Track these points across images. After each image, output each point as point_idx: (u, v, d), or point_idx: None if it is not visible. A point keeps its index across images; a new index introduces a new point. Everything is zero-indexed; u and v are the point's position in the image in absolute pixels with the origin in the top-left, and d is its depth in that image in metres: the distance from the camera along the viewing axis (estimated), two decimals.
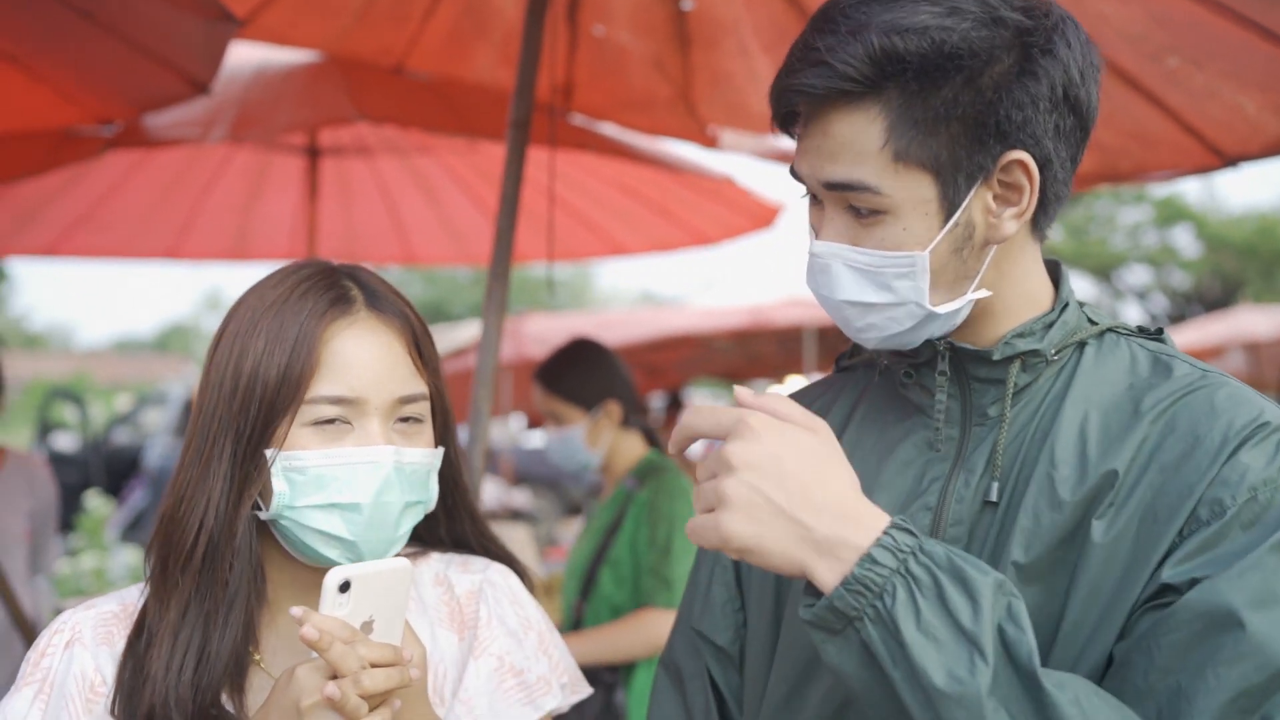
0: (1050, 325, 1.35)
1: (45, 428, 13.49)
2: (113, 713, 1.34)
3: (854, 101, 1.23)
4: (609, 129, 3.96)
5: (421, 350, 1.45)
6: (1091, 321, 1.39)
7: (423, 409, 1.43)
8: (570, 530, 9.71)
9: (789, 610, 1.43)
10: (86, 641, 1.38)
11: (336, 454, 1.34)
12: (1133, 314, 25.24)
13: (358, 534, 1.35)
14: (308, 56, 3.56)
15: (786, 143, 3.73)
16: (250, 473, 1.35)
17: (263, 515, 1.36)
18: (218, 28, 2.47)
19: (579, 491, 12.04)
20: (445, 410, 1.51)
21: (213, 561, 1.35)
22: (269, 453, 1.35)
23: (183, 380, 18.60)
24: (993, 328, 1.36)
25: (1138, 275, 25.21)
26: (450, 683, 1.48)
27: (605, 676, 3.13)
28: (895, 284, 1.27)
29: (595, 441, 3.39)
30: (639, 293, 46.19)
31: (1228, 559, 1.16)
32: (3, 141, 3.37)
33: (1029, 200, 1.30)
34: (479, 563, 1.59)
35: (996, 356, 1.33)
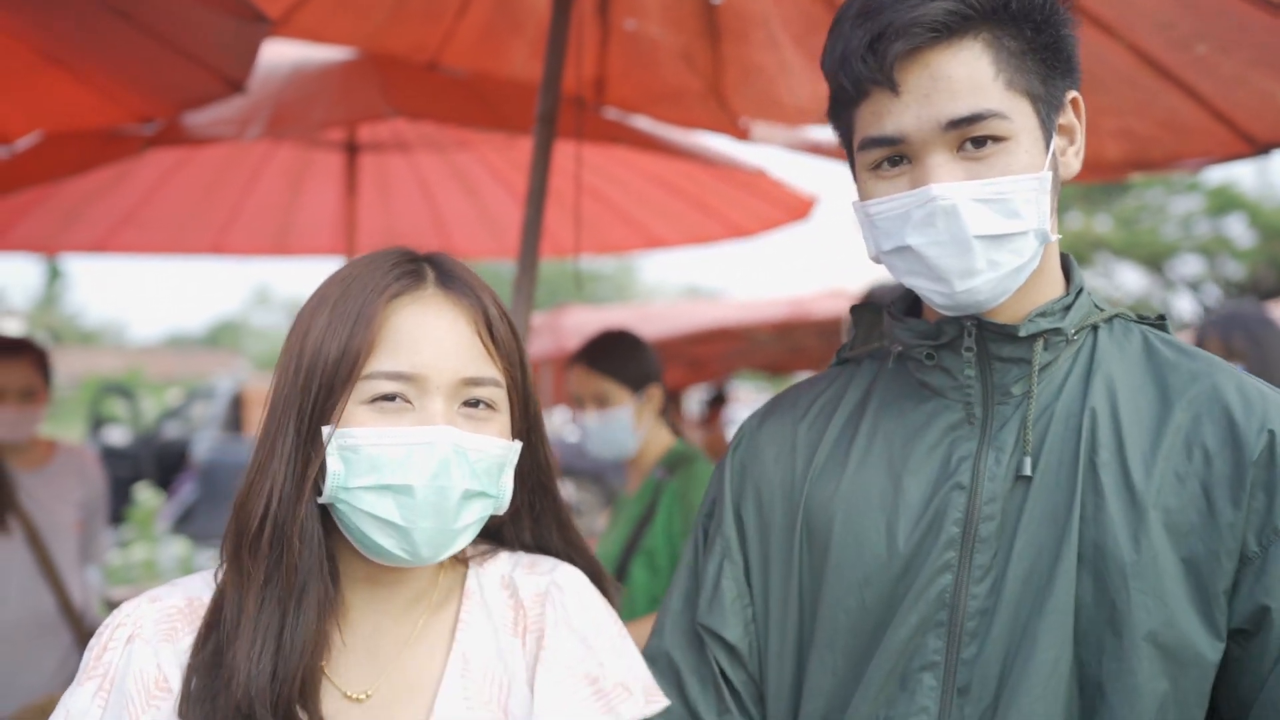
0: (1069, 307, 1.42)
1: (97, 422, 13.73)
2: (182, 715, 1.28)
3: (958, 39, 1.31)
4: (642, 122, 3.99)
5: (495, 334, 1.37)
6: (1099, 308, 1.46)
7: (494, 395, 1.35)
8: None
9: (826, 606, 1.45)
10: (148, 637, 1.33)
11: (392, 433, 1.28)
12: (1185, 306, 24.89)
13: (410, 520, 1.29)
14: (343, 54, 3.61)
15: (818, 135, 3.75)
16: (310, 453, 1.30)
17: (321, 499, 1.31)
18: (250, 28, 2.52)
19: (622, 484, 12.08)
20: (528, 404, 1.43)
21: (280, 546, 1.29)
22: (325, 430, 1.29)
23: (231, 375, 18.85)
24: (1014, 309, 1.42)
25: (1190, 266, 24.85)
26: (516, 695, 1.40)
27: None
28: (1023, 209, 1.33)
29: (640, 424, 3.37)
30: (684, 286, 46.16)
31: None
32: (51, 141, 3.45)
33: (1081, 139, 1.41)
34: (547, 563, 1.50)
35: (1023, 333, 1.39)
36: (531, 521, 1.51)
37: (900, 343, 1.49)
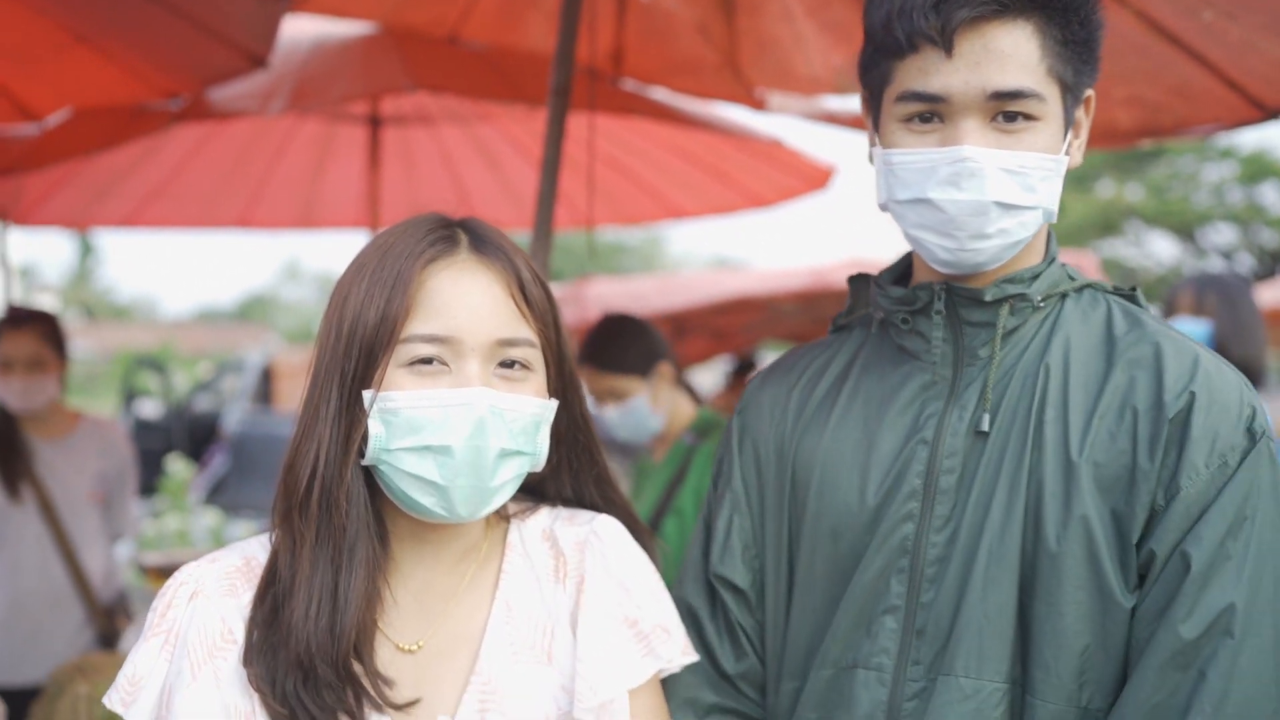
0: (1037, 276, 1.51)
1: (130, 395, 13.92)
2: (247, 664, 1.34)
3: (1014, 18, 1.40)
4: (660, 94, 4.02)
5: (528, 296, 1.40)
6: (1071, 278, 1.54)
7: (529, 355, 1.39)
8: None
9: (804, 554, 1.56)
10: (210, 594, 1.38)
11: (430, 395, 1.32)
12: None
13: (449, 479, 1.33)
14: (364, 29, 3.66)
15: (834, 104, 3.78)
16: (354, 417, 1.35)
17: (364, 461, 1.36)
18: (270, 5, 2.58)
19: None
20: (564, 364, 1.47)
21: (328, 507, 1.35)
22: (367, 395, 1.34)
23: (261, 348, 19.03)
24: (990, 277, 1.51)
25: (1223, 234, 24.62)
26: (559, 639, 1.45)
27: None
28: (1039, 185, 1.43)
29: (659, 403, 3.46)
30: (711, 258, 46.11)
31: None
32: (80, 117, 3.53)
33: (1085, 135, 1.51)
34: (586, 515, 1.55)
35: (988, 297, 1.48)
36: (570, 477, 1.56)
37: (881, 309, 1.59)
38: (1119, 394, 1.43)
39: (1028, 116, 1.41)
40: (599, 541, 1.51)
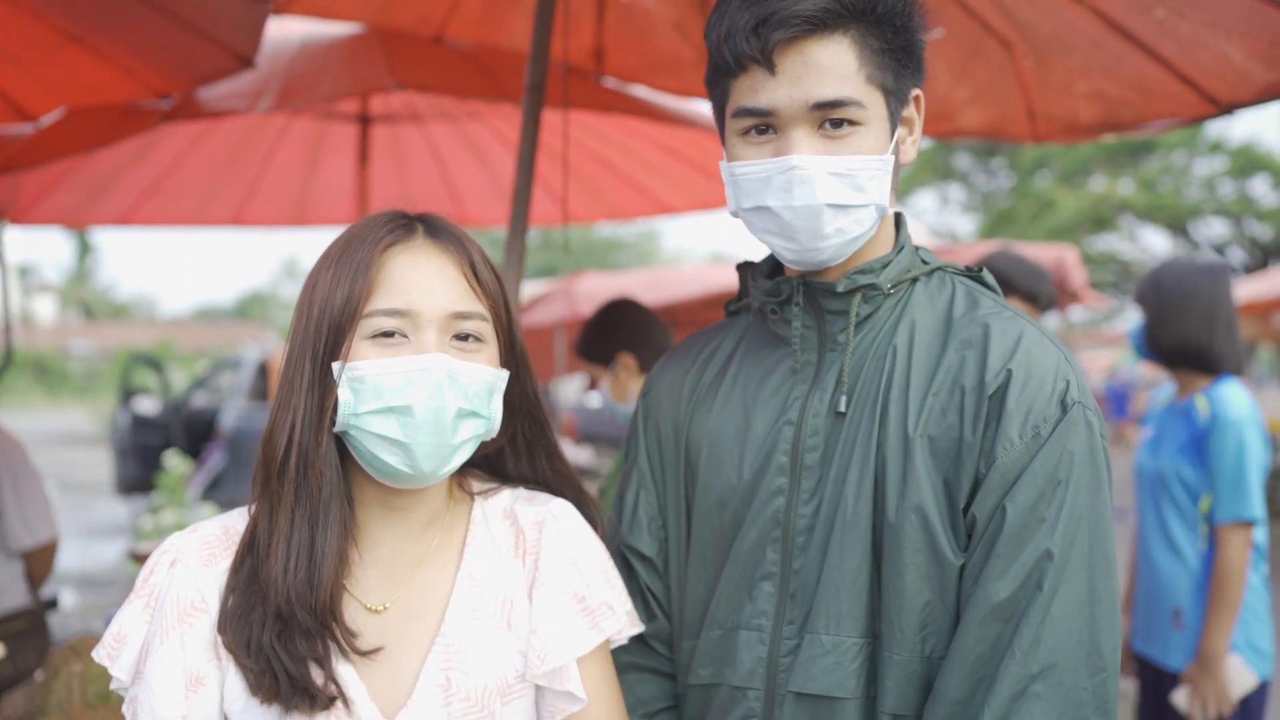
0: (887, 264, 1.64)
1: (128, 392, 14.00)
2: (221, 630, 1.47)
3: (830, 33, 1.51)
4: (642, 91, 4.11)
5: (479, 275, 1.54)
6: (924, 262, 1.66)
7: (481, 328, 1.53)
8: None
9: (697, 525, 1.70)
10: (188, 562, 1.52)
11: (392, 363, 1.46)
12: None
13: (411, 436, 1.46)
14: (351, 29, 3.75)
15: None
16: (325, 387, 1.49)
17: (336, 428, 1.49)
18: (255, 6, 2.67)
19: None
20: (514, 341, 1.61)
21: (305, 470, 1.48)
22: (335, 366, 1.48)
23: (258, 345, 19.10)
24: (845, 269, 1.64)
25: (1214, 228, 24.69)
26: (518, 609, 1.59)
27: None
28: (867, 185, 1.54)
29: (617, 392, 3.65)
30: (707, 254, 46.11)
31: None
32: (73, 116, 3.61)
33: (918, 131, 1.62)
34: (544, 497, 1.69)
35: (840, 289, 1.61)
36: (525, 448, 1.70)
37: (756, 299, 1.73)
38: (951, 373, 1.55)
39: (851, 122, 1.52)
40: (555, 522, 1.65)
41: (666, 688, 1.76)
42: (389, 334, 1.49)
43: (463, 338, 1.52)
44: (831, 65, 1.51)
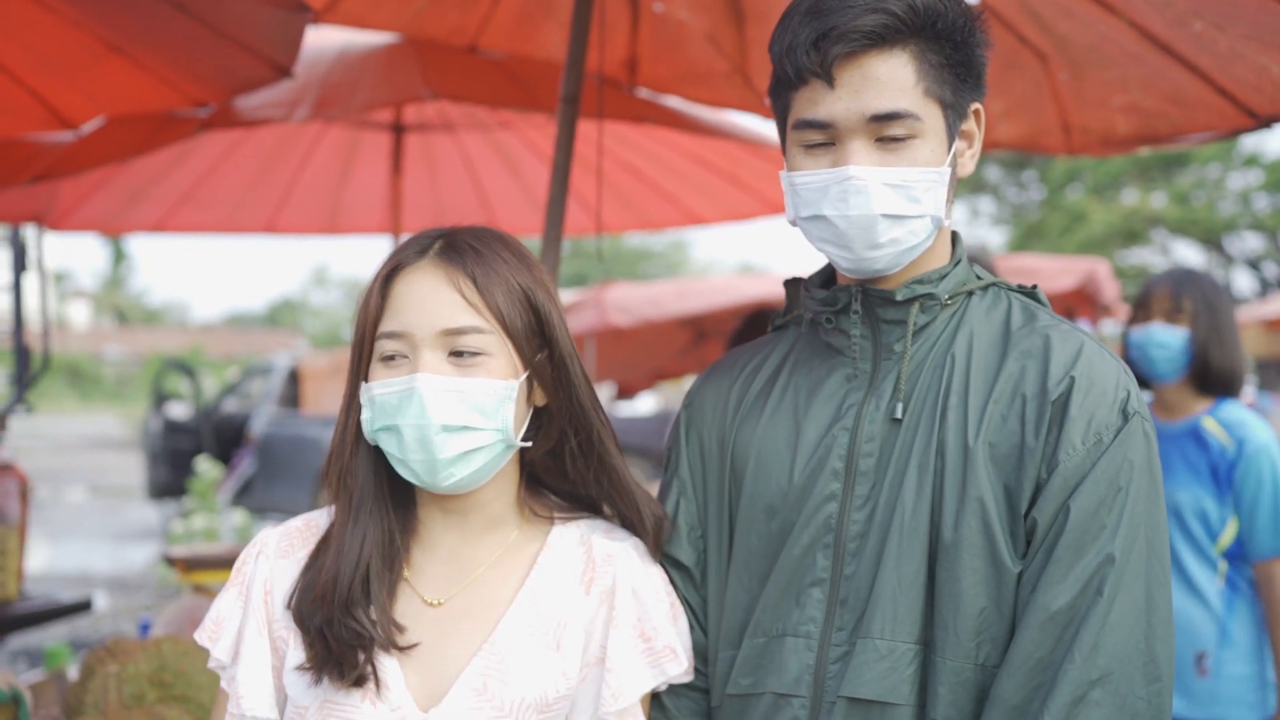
0: (944, 276, 1.67)
1: (160, 398, 14.12)
2: (289, 607, 1.62)
3: (889, 48, 1.55)
4: (675, 102, 4.12)
5: (480, 287, 1.57)
6: (979, 278, 1.69)
7: (480, 342, 1.56)
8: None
9: (740, 533, 1.72)
10: (269, 553, 1.67)
11: (387, 383, 1.56)
12: (1244, 282, 24.53)
13: (404, 453, 1.55)
14: (386, 39, 3.78)
15: None
16: (356, 403, 1.61)
17: (370, 440, 1.61)
18: (294, 17, 2.70)
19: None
20: (539, 348, 1.62)
21: (341, 480, 1.63)
22: (362, 385, 1.60)
23: (289, 352, 19.23)
24: (902, 279, 1.66)
25: (1249, 242, 24.48)
26: (570, 632, 1.63)
27: None
28: (923, 196, 1.58)
29: None
30: (737, 265, 46.14)
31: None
32: (113, 125, 3.66)
33: (978, 144, 1.66)
34: (621, 533, 1.73)
35: (899, 297, 1.64)
36: (571, 458, 1.71)
37: (810, 310, 1.75)
38: (1011, 381, 1.58)
39: (908, 135, 1.57)
40: (628, 561, 1.69)
41: (701, 702, 1.75)
42: (392, 355, 1.57)
43: (462, 353, 1.56)
44: (889, 79, 1.55)
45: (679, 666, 1.66)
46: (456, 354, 1.56)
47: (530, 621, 1.62)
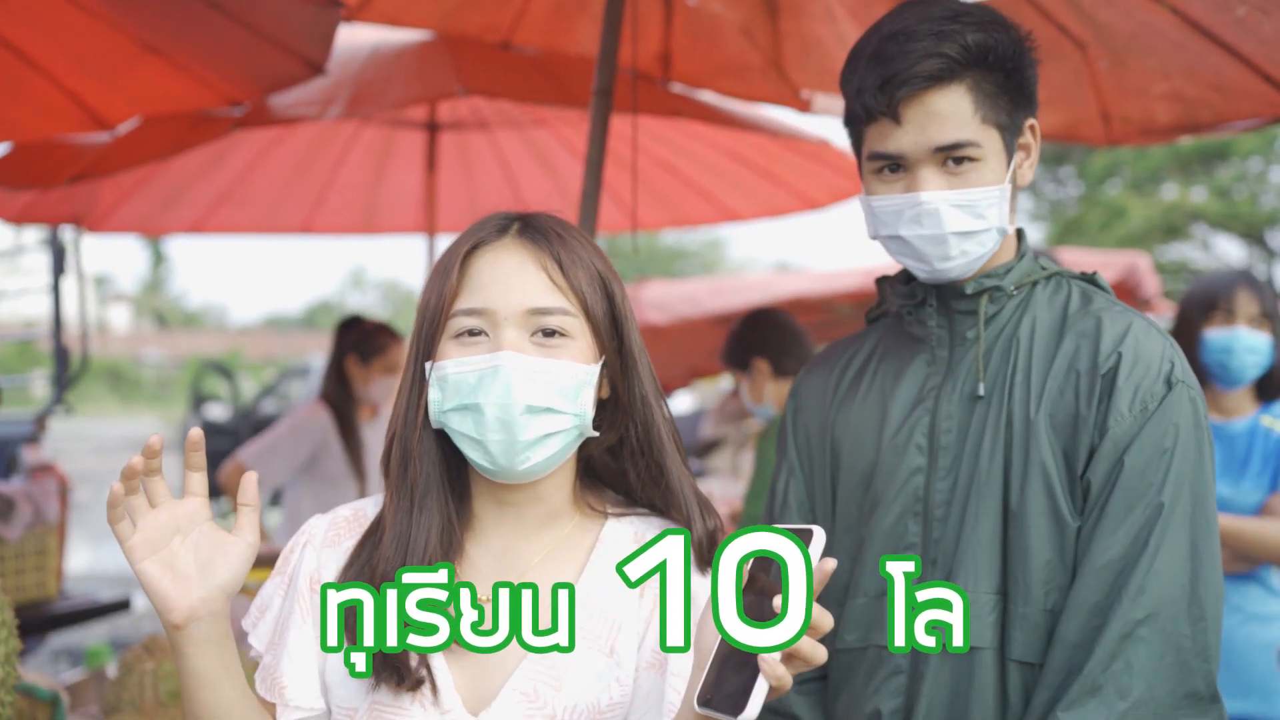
0: (1010, 269, 1.87)
1: (199, 399, 14.24)
2: None
3: (946, 84, 1.74)
4: (709, 97, 4.10)
5: (565, 269, 1.53)
6: (1043, 268, 1.90)
7: (564, 323, 1.52)
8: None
9: (841, 503, 1.95)
10: (316, 543, 1.62)
11: (467, 360, 1.50)
12: None
13: (482, 434, 1.48)
14: (419, 36, 3.78)
15: None
16: (421, 385, 1.54)
17: (433, 424, 1.54)
18: (327, 12, 2.70)
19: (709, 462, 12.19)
20: (614, 336, 1.57)
21: (404, 465, 1.55)
22: (427, 365, 1.53)
23: (325, 353, 19.32)
24: (971, 275, 1.86)
25: None
26: (624, 635, 1.55)
27: None
28: (987, 212, 1.79)
29: (755, 395, 3.93)
30: (773, 262, 46.00)
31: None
32: (148, 124, 3.68)
33: (1035, 154, 1.89)
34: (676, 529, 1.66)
35: (969, 290, 1.86)
36: (631, 455, 1.63)
37: (893, 305, 1.96)
38: (1067, 359, 1.79)
39: (970, 159, 1.77)
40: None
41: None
42: (471, 332, 1.52)
43: (548, 334, 1.52)
44: (951, 112, 1.75)
45: None
46: (541, 334, 1.52)
47: (583, 624, 1.54)
